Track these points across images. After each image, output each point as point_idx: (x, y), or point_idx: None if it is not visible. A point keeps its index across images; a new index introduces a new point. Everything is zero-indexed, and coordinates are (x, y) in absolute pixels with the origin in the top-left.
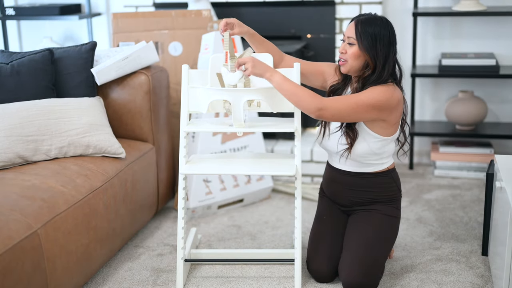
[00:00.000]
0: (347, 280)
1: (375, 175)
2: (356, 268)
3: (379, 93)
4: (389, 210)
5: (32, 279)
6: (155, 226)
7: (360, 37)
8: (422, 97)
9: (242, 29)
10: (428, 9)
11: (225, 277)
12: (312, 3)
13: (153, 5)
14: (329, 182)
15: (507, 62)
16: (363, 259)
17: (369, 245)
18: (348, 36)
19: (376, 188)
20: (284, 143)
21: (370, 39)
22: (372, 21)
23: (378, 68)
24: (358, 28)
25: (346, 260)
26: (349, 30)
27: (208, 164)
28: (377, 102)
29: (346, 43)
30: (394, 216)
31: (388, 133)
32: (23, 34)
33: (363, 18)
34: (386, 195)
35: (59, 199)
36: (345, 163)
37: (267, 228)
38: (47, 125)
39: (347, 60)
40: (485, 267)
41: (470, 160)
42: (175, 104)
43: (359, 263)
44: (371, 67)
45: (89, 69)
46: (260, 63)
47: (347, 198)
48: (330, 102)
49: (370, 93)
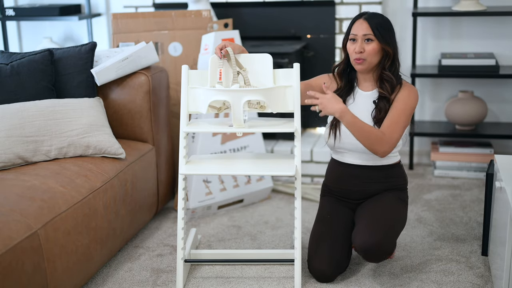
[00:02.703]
0: (366, 241)
1: (392, 166)
2: (371, 231)
3: (410, 97)
4: (402, 195)
5: (32, 279)
6: (155, 226)
7: (378, 32)
8: (422, 97)
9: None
10: (428, 9)
11: (225, 277)
12: (312, 3)
13: (153, 5)
14: (340, 179)
15: (507, 62)
16: (379, 222)
17: (384, 213)
18: (363, 34)
19: (391, 178)
20: (284, 143)
21: (386, 31)
22: (377, 15)
23: (396, 58)
24: (372, 24)
25: (362, 225)
26: (361, 28)
27: (208, 165)
28: (413, 107)
29: (362, 41)
30: (405, 201)
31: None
32: (23, 35)
33: (370, 14)
34: (401, 184)
35: (59, 200)
36: (363, 158)
37: (267, 228)
38: (47, 125)
39: (365, 59)
40: (485, 267)
41: (470, 160)
42: (175, 104)
43: (375, 226)
44: (390, 58)
45: (89, 70)
46: (330, 102)
47: (363, 191)
48: (389, 139)
49: (405, 102)
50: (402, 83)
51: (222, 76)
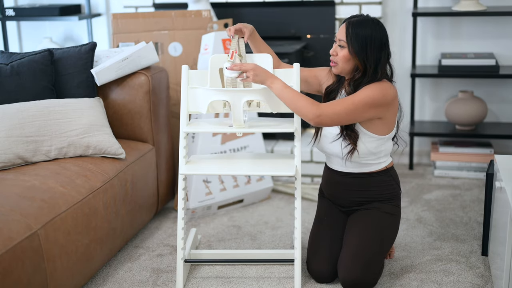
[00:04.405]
0: (345, 276)
1: (374, 174)
2: (354, 265)
3: (373, 90)
4: (389, 208)
5: (32, 279)
6: (155, 226)
7: (351, 40)
8: (422, 97)
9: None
10: (428, 9)
11: (225, 277)
12: (312, 3)
13: (153, 5)
14: (328, 183)
15: (507, 62)
16: (361, 255)
17: (367, 242)
18: (339, 38)
19: (376, 187)
20: (284, 143)
21: (360, 42)
22: (363, 23)
23: (369, 72)
24: (349, 31)
25: (344, 257)
26: (340, 32)
27: (208, 165)
28: (373, 100)
29: (337, 45)
30: (393, 214)
31: (384, 132)
32: (23, 35)
33: (354, 20)
34: (386, 194)
35: (59, 200)
36: (344, 165)
37: (267, 228)
38: (47, 125)
39: (337, 63)
40: (485, 267)
41: (470, 160)
42: (175, 104)
43: (357, 259)
44: (360, 70)
45: (89, 70)
46: (261, 71)
47: (347, 199)
48: (327, 107)
49: (365, 92)
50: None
51: (234, 56)
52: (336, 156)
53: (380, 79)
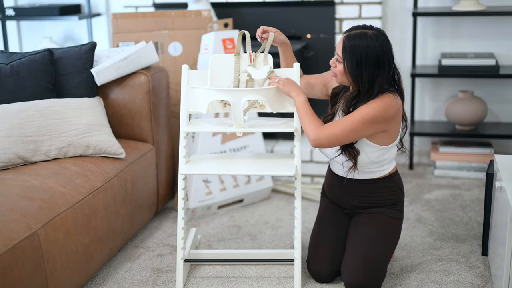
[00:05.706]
0: (349, 280)
1: (377, 180)
2: (358, 268)
3: (374, 108)
4: (392, 212)
5: (32, 279)
6: (155, 226)
7: (345, 58)
8: (422, 97)
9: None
10: (428, 9)
11: (225, 277)
12: (312, 3)
13: (153, 5)
14: (330, 186)
15: (507, 62)
16: (365, 259)
17: (371, 246)
18: (337, 52)
19: (378, 193)
20: (284, 143)
21: (355, 61)
22: (361, 38)
23: (363, 90)
24: (345, 47)
25: (348, 261)
26: (339, 46)
27: (208, 164)
28: (374, 118)
29: (335, 58)
30: (396, 218)
31: (388, 142)
32: (23, 35)
33: (352, 34)
34: (389, 199)
35: (59, 200)
36: (341, 169)
37: (267, 228)
38: (47, 125)
39: (337, 74)
40: (485, 267)
41: (470, 160)
42: (175, 104)
43: (361, 263)
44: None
45: (89, 70)
46: (292, 83)
47: (348, 203)
48: (324, 130)
49: (364, 110)
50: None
51: (253, 59)
52: (338, 161)
53: (377, 95)
